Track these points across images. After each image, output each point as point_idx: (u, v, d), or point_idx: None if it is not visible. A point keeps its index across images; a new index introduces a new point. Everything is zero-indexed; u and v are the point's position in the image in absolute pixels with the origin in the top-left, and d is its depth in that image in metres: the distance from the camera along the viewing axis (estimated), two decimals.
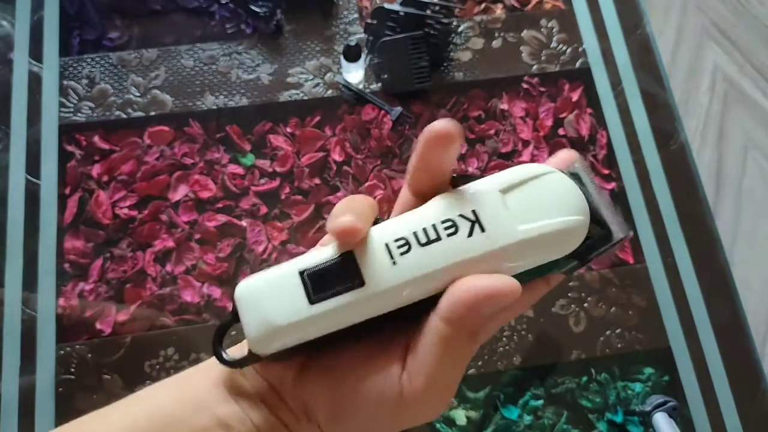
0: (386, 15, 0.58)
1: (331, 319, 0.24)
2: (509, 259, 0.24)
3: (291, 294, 0.24)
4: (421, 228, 0.24)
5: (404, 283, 0.23)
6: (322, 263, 0.24)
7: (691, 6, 1.47)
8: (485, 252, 0.23)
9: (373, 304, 0.24)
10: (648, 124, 0.59)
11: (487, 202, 0.24)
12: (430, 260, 0.23)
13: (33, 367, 0.50)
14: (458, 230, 0.24)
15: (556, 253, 0.24)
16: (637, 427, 0.49)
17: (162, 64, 0.60)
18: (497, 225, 0.24)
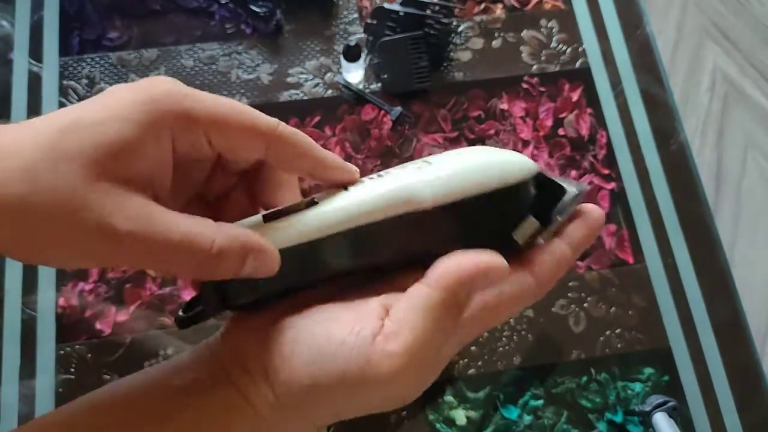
0: (386, 15, 0.58)
1: (284, 233, 0.24)
2: (454, 179, 0.24)
3: (251, 223, 0.25)
4: (377, 174, 0.26)
5: (354, 200, 0.24)
6: (285, 208, 0.25)
7: (690, 6, 1.47)
8: (431, 174, 0.24)
9: (323, 220, 0.24)
10: (648, 124, 0.59)
11: (439, 154, 0.27)
12: (380, 185, 0.25)
13: (33, 367, 0.50)
14: (407, 168, 0.26)
15: (497, 180, 0.24)
16: (637, 427, 0.49)
17: (162, 64, 0.60)
18: (445, 159, 0.25)
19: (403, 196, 0.24)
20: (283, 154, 0.26)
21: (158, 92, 0.24)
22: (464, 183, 0.24)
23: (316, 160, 0.27)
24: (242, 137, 0.25)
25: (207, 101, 0.25)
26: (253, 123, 0.25)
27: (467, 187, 0.24)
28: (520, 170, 0.25)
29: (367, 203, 0.24)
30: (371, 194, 0.24)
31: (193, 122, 0.24)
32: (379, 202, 0.24)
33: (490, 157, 0.25)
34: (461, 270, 0.23)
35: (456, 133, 0.58)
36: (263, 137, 0.26)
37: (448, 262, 0.23)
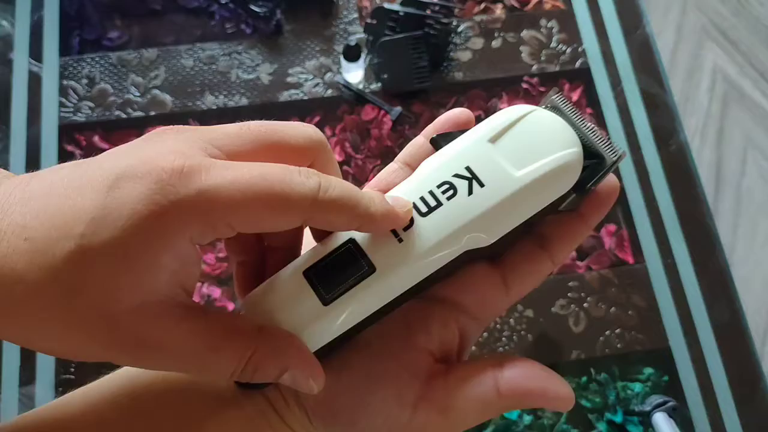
0: (386, 15, 0.58)
1: (349, 314, 0.22)
2: (515, 208, 0.23)
3: (301, 298, 0.22)
4: (419, 198, 0.23)
5: (416, 258, 0.22)
6: (325, 257, 0.23)
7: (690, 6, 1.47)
8: (489, 207, 0.23)
9: (387, 289, 0.23)
10: (648, 124, 0.59)
11: (478, 155, 0.23)
12: (437, 228, 0.22)
13: (33, 367, 0.50)
14: (457, 191, 0.23)
15: (559, 190, 0.23)
16: (636, 427, 0.49)
17: (162, 64, 0.60)
18: (494, 177, 0.23)
19: (464, 243, 0.23)
20: (325, 221, 0.22)
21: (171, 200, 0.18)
22: (521, 214, 0.23)
23: (363, 219, 0.22)
24: (272, 218, 0.20)
25: (229, 187, 0.19)
26: (285, 198, 0.20)
27: (524, 215, 0.23)
28: (575, 170, 0.23)
29: (428, 260, 0.23)
30: (432, 247, 0.22)
31: (211, 220, 0.20)
32: (442, 254, 0.23)
33: (546, 165, 0.23)
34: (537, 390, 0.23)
35: None
36: (299, 212, 0.21)
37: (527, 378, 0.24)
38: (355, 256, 0.22)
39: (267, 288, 0.23)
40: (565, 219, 0.25)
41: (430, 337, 0.24)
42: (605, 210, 0.25)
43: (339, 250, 0.23)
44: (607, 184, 0.25)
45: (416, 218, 0.23)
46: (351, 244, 0.23)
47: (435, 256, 0.23)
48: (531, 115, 0.24)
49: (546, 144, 0.23)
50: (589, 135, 0.24)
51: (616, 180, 0.25)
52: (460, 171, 0.23)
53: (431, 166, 0.24)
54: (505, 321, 0.52)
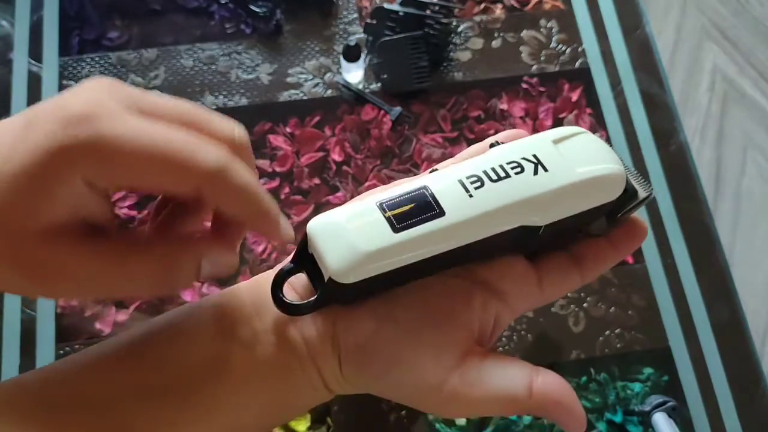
0: (386, 15, 0.58)
1: (415, 247, 0.24)
2: (570, 198, 0.26)
3: (373, 224, 0.24)
4: (490, 167, 0.26)
5: (483, 213, 0.25)
6: (399, 195, 0.25)
7: (690, 6, 1.47)
8: (552, 188, 0.25)
9: (453, 234, 0.25)
10: (647, 124, 0.59)
11: (544, 148, 0.26)
12: (505, 193, 0.25)
13: (33, 367, 0.50)
14: (524, 170, 0.25)
15: (606, 196, 0.26)
16: (636, 427, 0.49)
17: (161, 64, 0.60)
18: (558, 166, 0.26)
19: (522, 214, 0.25)
20: (221, 202, 0.23)
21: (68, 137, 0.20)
22: (574, 205, 0.26)
23: (258, 216, 0.24)
24: (164, 183, 0.22)
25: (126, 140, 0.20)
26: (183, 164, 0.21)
27: (576, 207, 0.26)
28: (621, 186, 0.26)
29: (493, 219, 0.25)
30: (497, 208, 0.25)
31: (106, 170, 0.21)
32: (503, 218, 0.25)
33: (602, 169, 0.26)
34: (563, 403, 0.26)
35: (456, 133, 0.58)
36: (193, 183, 0.21)
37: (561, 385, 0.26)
38: (427, 199, 0.25)
39: (337, 211, 0.25)
40: (598, 243, 0.28)
41: (471, 315, 0.26)
42: (635, 245, 0.28)
43: (413, 192, 0.25)
44: (638, 223, 0.28)
45: (486, 182, 0.25)
46: (425, 190, 0.25)
47: (497, 218, 0.25)
48: (583, 134, 0.27)
49: (599, 156, 0.27)
50: (626, 169, 0.27)
51: (645, 223, 0.29)
52: (527, 156, 0.26)
53: (500, 149, 0.27)
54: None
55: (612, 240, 0.28)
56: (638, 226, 0.28)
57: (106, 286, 0.22)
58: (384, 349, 0.25)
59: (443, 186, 0.25)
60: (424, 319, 0.25)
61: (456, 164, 0.26)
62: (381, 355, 0.25)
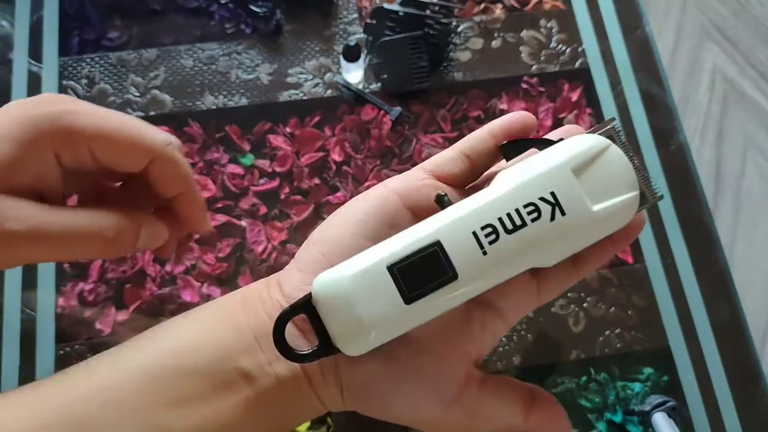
0: (386, 15, 0.58)
1: (426, 314, 0.24)
2: (585, 238, 0.25)
3: (383, 292, 0.23)
4: (506, 213, 0.24)
5: (496, 272, 0.24)
6: (411, 255, 0.23)
7: (690, 6, 1.47)
8: (567, 235, 0.24)
9: (464, 295, 0.24)
10: (647, 124, 0.59)
11: (562, 183, 0.25)
12: (519, 247, 0.24)
13: (32, 367, 0.50)
14: (541, 214, 0.24)
15: (618, 226, 0.26)
16: (636, 426, 0.49)
17: (161, 64, 0.60)
18: (575, 207, 0.25)
19: (534, 261, 0.25)
20: (164, 170, 0.28)
21: (39, 112, 0.25)
22: (586, 242, 0.26)
23: (189, 193, 0.29)
24: (125, 152, 0.27)
25: (90, 117, 0.26)
26: (139, 138, 0.27)
27: (588, 243, 0.26)
28: (630, 215, 0.26)
29: (506, 273, 0.24)
30: (512, 264, 0.24)
31: (74, 139, 0.26)
32: (517, 270, 0.25)
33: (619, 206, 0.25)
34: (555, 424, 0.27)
35: (456, 133, 0.58)
36: (147, 153, 0.27)
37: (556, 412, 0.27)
38: (440, 260, 0.23)
39: (344, 272, 0.23)
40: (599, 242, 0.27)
41: (470, 341, 0.26)
42: (632, 237, 0.28)
43: (425, 251, 0.23)
44: (636, 217, 0.28)
45: (501, 234, 0.24)
46: (437, 247, 0.23)
47: (510, 272, 0.24)
48: (608, 152, 0.26)
49: (618, 183, 0.25)
50: (638, 173, 0.27)
51: (644, 215, 0.28)
52: (545, 195, 0.25)
53: (517, 181, 0.25)
54: None
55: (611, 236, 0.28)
56: (635, 219, 0.28)
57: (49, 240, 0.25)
58: (385, 388, 0.25)
59: (456, 241, 0.24)
60: (423, 353, 0.25)
61: (469, 205, 0.24)
62: (381, 392, 0.25)
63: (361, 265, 0.23)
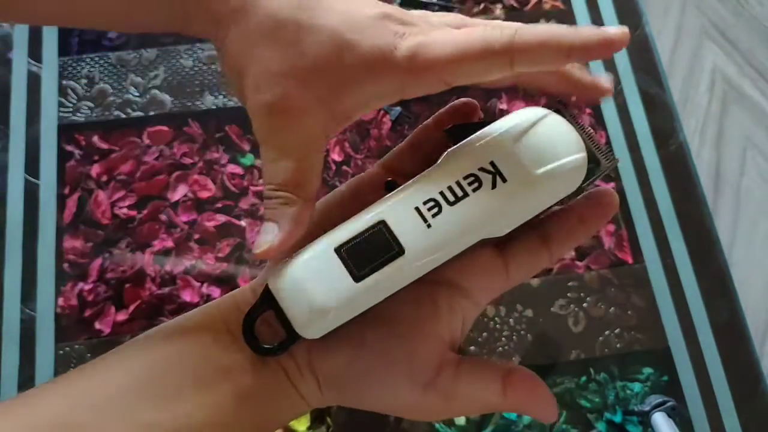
0: None
1: (377, 291, 0.24)
2: (531, 203, 0.25)
3: (333, 274, 0.24)
4: (446, 186, 0.25)
5: (443, 243, 0.24)
6: (357, 236, 0.24)
7: (690, 6, 1.47)
8: (510, 200, 0.24)
9: (414, 270, 0.24)
10: (647, 124, 0.59)
11: (501, 152, 0.25)
12: (463, 217, 0.24)
13: (32, 367, 0.50)
14: (482, 184, 0.25)
15: (567, 190, 0.26)
16: (635, 426, 0.49)
17: (161, 64, 0.60)
18: (516, 173, 0.25)
19: (483, 231, 0.25)
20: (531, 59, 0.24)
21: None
22: (535, 207, 0.25)
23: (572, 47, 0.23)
24: (482, 68, 0.25)
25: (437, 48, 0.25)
26: (485, 50, 0.24)
27: (537, 209, 0.25)
28: (579, 178, 0.26)
29: (454, 245, 0.25)
30: (458, 234, 0.24)
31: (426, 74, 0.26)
32: (465, 241, 0.25)
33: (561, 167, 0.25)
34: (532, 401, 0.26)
35: None
36: (503, 57, 0.24)
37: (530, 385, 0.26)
38: (385, 237, 0.24)
39: (297, 260, 0.24)
40: (567, 221, 0.27)
41: (438, 322, 0.26)
42: (606, 217, 0.28)
43: (370, 230, 0.24)
44: (607, 195, 0.28)
45: (444, 206, 0.24)
46: (382, 225, 0.24)
47: (459, 243, 0.24)
48: (546, 119, 0.26)
49: (559, 147, 0.25)
50: (588, 141, 0.26)
51: (615, 194, 0.28)
52: (484, 165, 0.25)
53: (457, 157, 0.26)
54: (505, 321, 0.52)
55: (581, 216, 0.27)
56: (607, 198, 0.28)
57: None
58: (359, 375, 0.25)
59: (400, 218, 0.24)
60: (394, 337, 0.25)
61: (412, 185, 0.25)
62: (356, 380, 0.25)
63: (309, 252, 0.24)
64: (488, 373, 0.26)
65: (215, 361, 0.25)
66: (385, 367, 0.25)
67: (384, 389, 0.25)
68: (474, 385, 0.26)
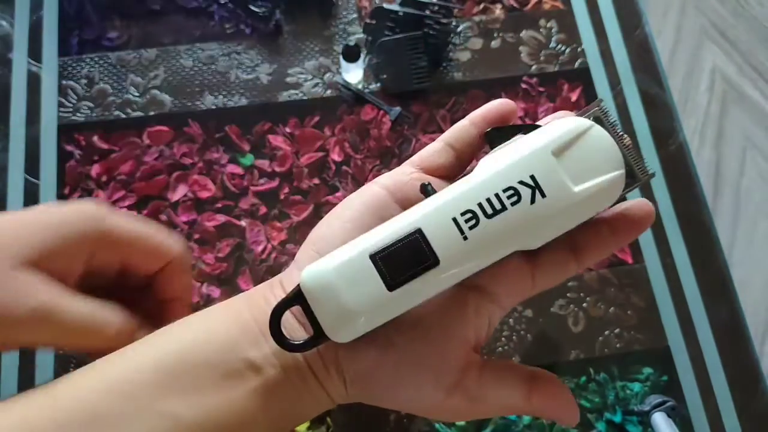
0: (385, 15, 0.58)
1: (410, 300, 0.24)
2: (568, 219, 0.25)
3: (366, 280, 0.24)
4: (485, 198, 0.24)
5: (478, 257, 0.24)
6: (393, 244, 0.24)
7: (689, 6, 1.47)
8: (549, 216, 0.24)
9: (448, 281, 0.24)
10: (647, 124, 0.59)
11: (542, 166, 0.25)
12: (500, 231, 0.24)
13: (32, 367, 0.50)
14: (521, 198, 0.24)
15: (603, 206, 0.25)
16: (635, 426, 0.49)
17: (161, 64, 0.60)
18: (556, 189, 0.24)
19: (518, 244, 0.25)
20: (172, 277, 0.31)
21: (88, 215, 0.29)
22: (571, 223, 0.25)
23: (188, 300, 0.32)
24: (152, 257, 0.31)
25: (124, 226, 0.30)
26: (166, 244, 0.31)
27: (573, 224, 0.25)
28: (616, 194, 0.25)
29: (488, 257, 0.25)
30: (493, 248, 0.24)
31: (112, 243, 0.29)
32: (499, 254, 0.25)
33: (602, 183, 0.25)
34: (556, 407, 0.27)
35: None
36: (166, 258, 0.31)
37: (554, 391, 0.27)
38: (421, 247, 0.24)
39: (329, 262, 0.24)
40: (599, 232, 0.27)
41: (466, 325, 0.26)
42: (639, 230, 0.28)
43: (406, 239, 0.24)
44: (643, 210, 0.27)
45: (481, 219, 0.24)
46: (418, 234, 0.24)
47: (493, 255, 0.24)
48: (590, 132, 0.26)
49: (600, 163, 0.25)
50: (626, 153, 0.26)
51: (652, 208, 0.27)
52: (524, 179, 0.25)
53: (496, 167, 0.25)
54: (505, 321, 0.52)
55: (614, 227, 0.27)
56: (642, 212, 0.27)
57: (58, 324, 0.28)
58: (386, 376, 0.25)
59: (437, 228, 0.24)
60: (421, 339, 0.26)
61: (449, 192, 0.25)
62: (382, 380, 0.25)
63: (345, 255, 0.24)
64: (513, 377, 0.26)
65: (242, 354, 0.25)
66: (412, 368, 0.25)
67: (410, 390, 0.25)
68: (498, 387, 0.26)
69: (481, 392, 0.26)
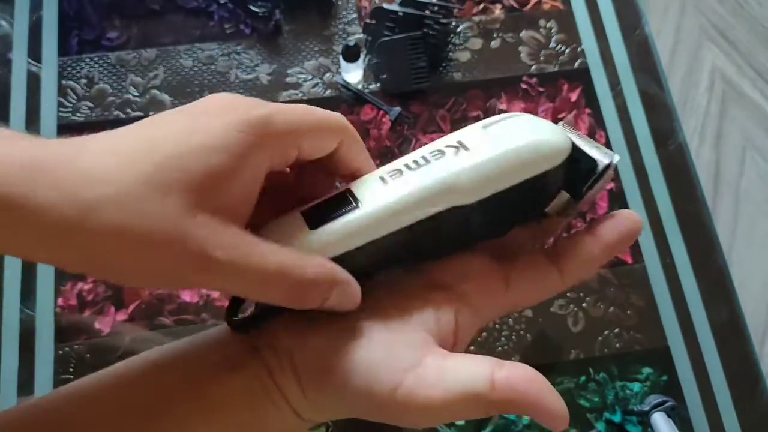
0: (385, 15, 0.58)
1: (335, 243, 0.24)
2: (494, 172, 0.24)
3: (294, 228, 0.25)
4: (412, 159, 0.26)
5: (399, 198, 0.24)
6: (323, 202, 0.25)
7: (689, 6, 1.47)
8: (470, 164, 0.24)
9: (371, 223, 0.24)
10: (646, 124, 0.59)
11: (470, 133, 0.26)
12: (421, 177, 0.25)
13: (32, 367, 0.50)
14: (445, 154, 0.25)
15: (537, 168, 0.25)
16: (635, 426, 0.50)
17: (161, 64, 0.60)
18: (479, 143, 0.25)
19: (443, 194, 0.24)
20: (350, 150, 0.27)
21: (252, 117, 0.22)
22: (504, 174, 0.24)
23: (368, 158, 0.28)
24: (324, 139, 0.26)
25: (288, 113, 0.24)
26: (335, 121, 0.26)
27: (508, 178, 0.25)
28: (558, 153, 0.25)
29: (410, 202, 0.24)
30: (412, 191, 0.24)
31: (284, 139, 0.24)
32: (421, 201, 0.24)
33: (529, 139, 0.25)
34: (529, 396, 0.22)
35: None
36: (340, 134, 0.26)
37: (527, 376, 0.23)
38: (345, 196, 0.25)
39: (270, 226, 0.25)
40: (578, 237, 0.26)
41: (426, 316, 0.25)
42: (625, 238, 0.26)
43: (335, 196, 0.25)
44: (629, 219, 0.26)
45: (405, 172, 0.25)
46: (347, 192, 0.25)
47: (415, 201, 0.24)
48: (525, 115, 0.26)
49: (534, 130, 0.25)
50: (584, 143, 0.26)
51: (639, 218, 0.26)
52: (451, 143, 0.26)
53: (432, 143, 0.26)
54: (504, 321, 0.52)
55: (597, 233, 0.26)
56: (628, 221, 0.26)
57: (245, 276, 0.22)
58: (338, 361, 0.24)
59: (363, 183, 0.26)
60: (375, 324, 0.25)
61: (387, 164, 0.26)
62: (336, 368, 0.24)
63: (283, 216, 0.25)
64: (477, 362, 0.24)
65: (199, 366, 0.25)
66: (363, 348, 0.24)
67: (362, 371, 0.23)
68: (458, 373, 0.23)
69: (440, 377, 0.23)
